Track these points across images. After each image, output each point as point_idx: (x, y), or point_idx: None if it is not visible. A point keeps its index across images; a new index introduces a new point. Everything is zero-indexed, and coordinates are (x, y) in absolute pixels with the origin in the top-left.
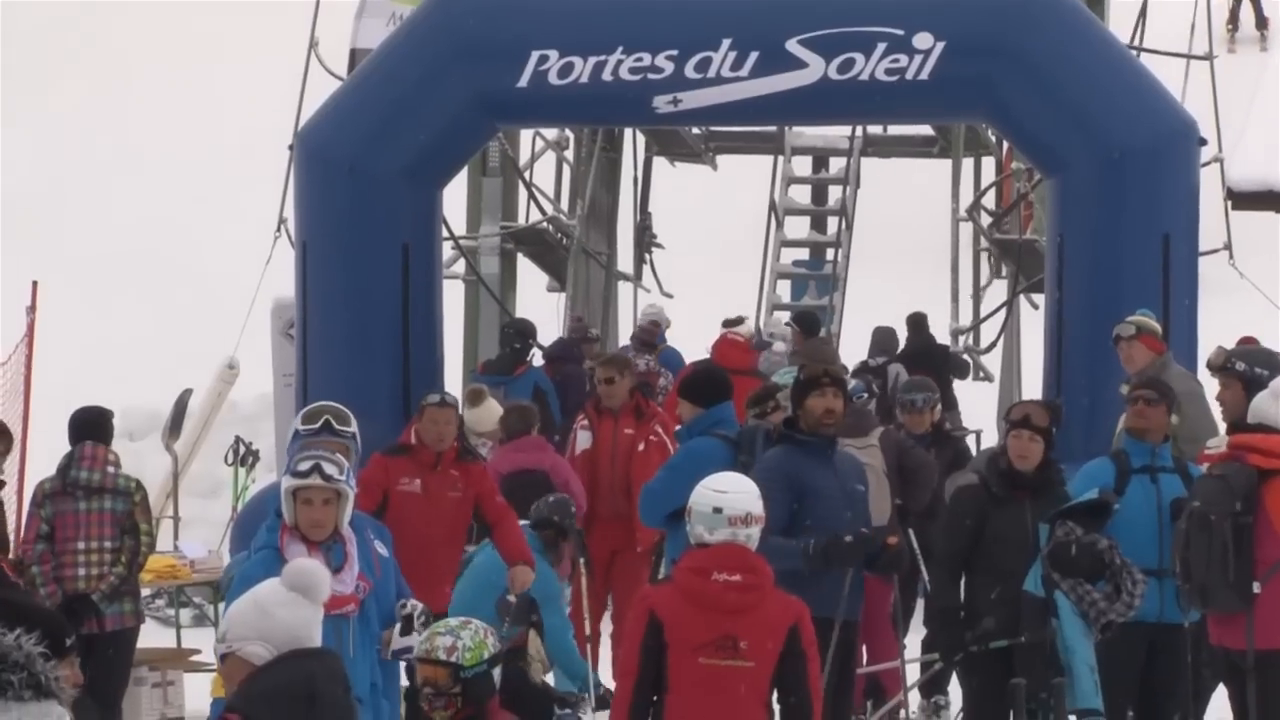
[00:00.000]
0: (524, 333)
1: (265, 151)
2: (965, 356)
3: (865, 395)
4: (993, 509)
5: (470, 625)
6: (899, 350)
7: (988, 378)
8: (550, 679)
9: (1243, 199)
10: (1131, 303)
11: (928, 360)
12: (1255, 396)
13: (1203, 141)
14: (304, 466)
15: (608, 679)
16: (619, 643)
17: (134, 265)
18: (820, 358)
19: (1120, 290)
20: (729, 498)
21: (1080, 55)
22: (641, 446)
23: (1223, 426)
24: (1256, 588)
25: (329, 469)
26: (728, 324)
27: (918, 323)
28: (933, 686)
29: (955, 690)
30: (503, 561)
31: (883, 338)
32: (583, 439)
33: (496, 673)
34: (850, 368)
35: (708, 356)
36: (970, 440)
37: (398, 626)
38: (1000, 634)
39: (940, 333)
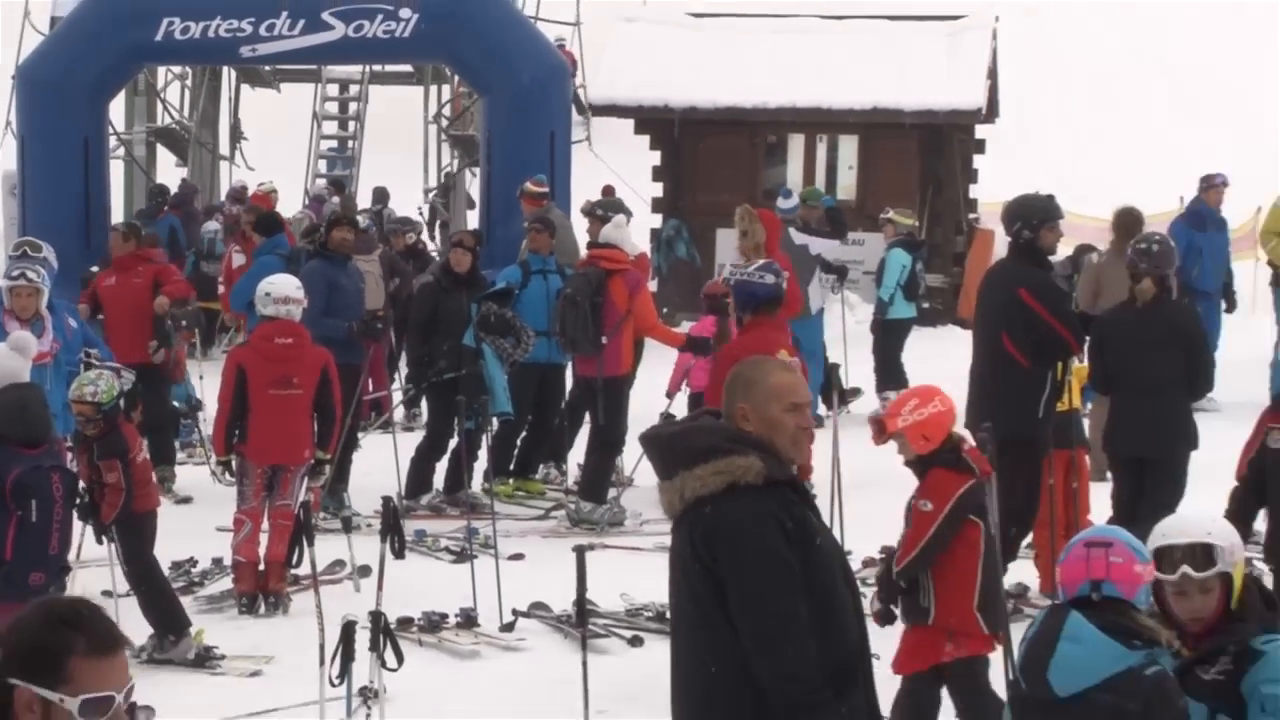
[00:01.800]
0: (163, 192)
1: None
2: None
3: (370, 225)
4: (443, 297)
5: (103, 375)
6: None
7: (446, 219)
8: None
9: (598, 110)
10: (530, 172)
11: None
12: (604, 227)
13: (573, 74)
14: (15, 273)
15: None
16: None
17: None
18: (350, 208)
19: (523, 165)
20: (274, 286)
21: (498, 22)
22: None
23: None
24: (605, 340)
25: (31, 274)
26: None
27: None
28: (411, 404)
29: (424, 405)
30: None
31: (379, 194)
32: (238, 259)
33: (122, 401)
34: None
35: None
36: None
37: (81, 365)
38: (449, 370)
39: (417, 193)
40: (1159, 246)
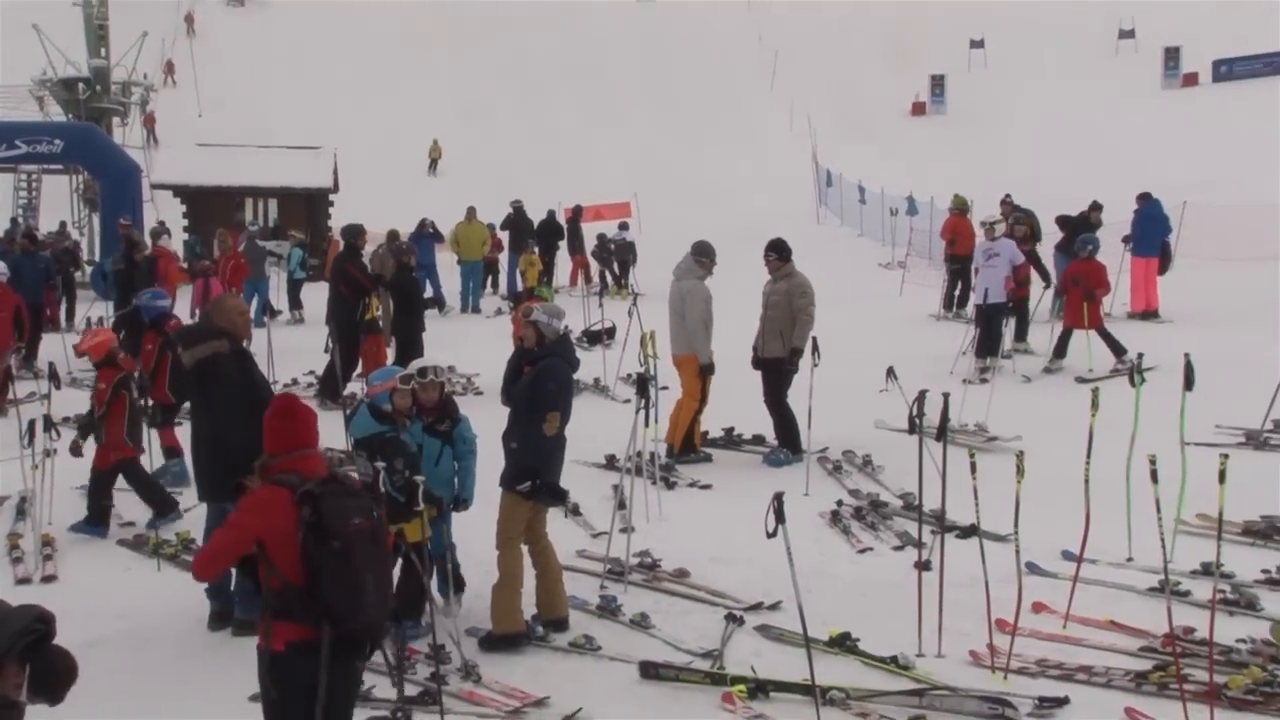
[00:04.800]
0: None
1: None
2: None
3: (47, 237)
4: (132, 271)
5: None
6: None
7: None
8: None
9: (156, 185)
10: (123, 213)
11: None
12: (160, 239)
13: (140, 171)
14: None
15: None
16: None
17: None
18: (27, 230)
19: (119, 210)
20: None
21: (104, 146)
22: None
23: None
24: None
25: None
26: None
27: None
28: (69, 316)
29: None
30: None
31: (61, 225)
32: None
33: None
34: None
35: None
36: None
37: None
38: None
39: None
40: (394, 245)
